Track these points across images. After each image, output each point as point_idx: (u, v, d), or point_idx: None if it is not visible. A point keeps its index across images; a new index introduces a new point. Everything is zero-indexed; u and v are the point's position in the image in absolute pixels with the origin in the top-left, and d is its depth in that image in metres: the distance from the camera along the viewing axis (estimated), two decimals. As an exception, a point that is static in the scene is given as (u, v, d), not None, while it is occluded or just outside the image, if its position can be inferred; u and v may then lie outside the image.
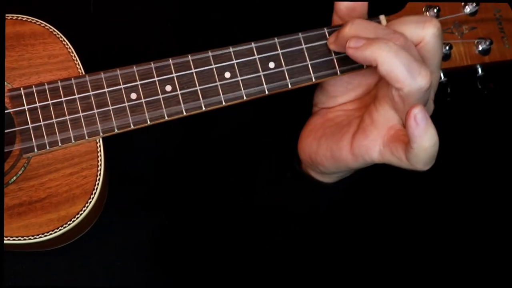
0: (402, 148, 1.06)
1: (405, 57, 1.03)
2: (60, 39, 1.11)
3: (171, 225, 1.26)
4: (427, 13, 1.18)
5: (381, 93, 1.09)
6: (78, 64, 1.10)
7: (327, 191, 1.19)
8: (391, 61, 1.03)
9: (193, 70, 1.10)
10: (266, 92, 1.12)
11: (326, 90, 1.16)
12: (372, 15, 1.14)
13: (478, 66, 1.21)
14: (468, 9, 1.19)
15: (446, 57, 1.18)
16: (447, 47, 1.17)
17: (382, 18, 1.14)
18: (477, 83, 1.21)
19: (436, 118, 1.13)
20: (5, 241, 1.05)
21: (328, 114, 1.16)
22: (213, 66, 1.11)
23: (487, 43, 1.19)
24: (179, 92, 1.10)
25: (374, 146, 1.08)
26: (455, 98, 1.21)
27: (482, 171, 1.38)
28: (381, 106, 1.08)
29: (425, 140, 1.02)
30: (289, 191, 1.23)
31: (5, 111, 1.07)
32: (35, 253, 1.16)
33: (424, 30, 1.07)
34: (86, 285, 1.21)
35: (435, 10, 1.18)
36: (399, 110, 1.07)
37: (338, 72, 1.12)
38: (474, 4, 1.19)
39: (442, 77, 1.20)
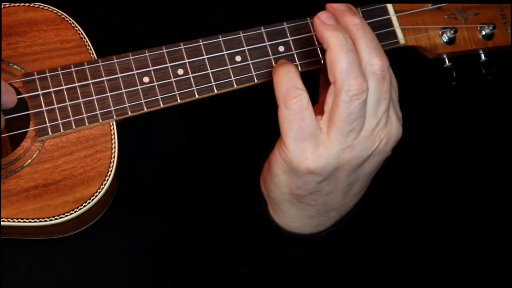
0: None
1: (353, 58, 1.03)
2: (72, 25, 1.12)
3: (174, 226, 1.26)
4: None
5: None
6: (91, 49, 1.11)
7: None
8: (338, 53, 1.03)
9: (205, 56, 1.11)
10: None
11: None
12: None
13: (481, 51, 1.23)
14: (470, -6, 1.22)
15: (451, 41, 1.20)
16: (452, 31, 1.19)
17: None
18: (480, 68, 1.23)
19: (443, 102, 1.15)
20: (21, 223, 1.05)
21: None
22: (224, 52, 1.12)
23: (491, 27, 1.21)
24: (191, 75, 1.11)
25: None
26: (461, 83, 1.22)
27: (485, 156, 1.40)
28: None
29: None
30: None
31: (19, 96, 1.08)
32: (38, 246, 1.15)
33: None
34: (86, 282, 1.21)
35: None
36: None
37: None
38: (477, -10, 1.21)
39: (447, 62, 1.21)
